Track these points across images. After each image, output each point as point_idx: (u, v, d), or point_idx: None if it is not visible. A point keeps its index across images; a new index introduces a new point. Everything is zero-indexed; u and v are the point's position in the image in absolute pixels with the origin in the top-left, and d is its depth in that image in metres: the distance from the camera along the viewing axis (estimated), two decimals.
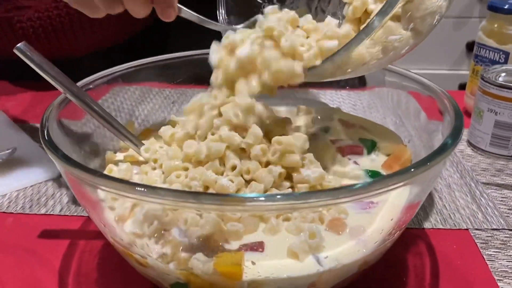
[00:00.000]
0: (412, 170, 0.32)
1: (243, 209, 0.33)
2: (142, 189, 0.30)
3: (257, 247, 0.37)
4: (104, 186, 0.32)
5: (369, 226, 0.37)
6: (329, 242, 0.37)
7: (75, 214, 0.56)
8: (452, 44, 1.95)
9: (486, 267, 0.48)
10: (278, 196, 0.29)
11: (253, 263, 0.35)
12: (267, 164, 0.42)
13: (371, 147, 0.51)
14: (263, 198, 0.30)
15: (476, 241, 0.51)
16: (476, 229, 0.53)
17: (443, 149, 0.35)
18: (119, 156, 0.53)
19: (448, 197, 0.59)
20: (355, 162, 0.48)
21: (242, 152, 0.42)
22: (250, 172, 0.41)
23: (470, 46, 1.93)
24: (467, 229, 0.53)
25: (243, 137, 0.42)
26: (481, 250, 0.50)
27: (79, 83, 0.50)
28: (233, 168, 0.41)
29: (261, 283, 0.35)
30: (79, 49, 0.91)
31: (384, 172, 0.47)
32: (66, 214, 0.56)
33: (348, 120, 0.56)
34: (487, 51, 0.75)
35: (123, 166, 0.47)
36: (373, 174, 0.46)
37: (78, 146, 0.49)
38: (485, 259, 0.49)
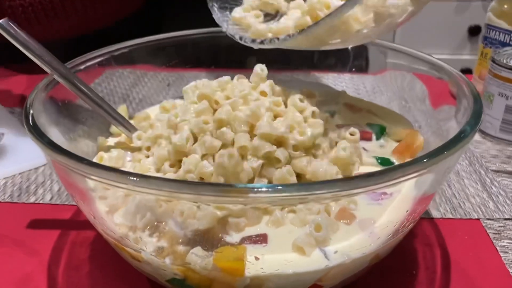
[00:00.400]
0: (431, 158, 0.29)
1: (246, 201, 0.30)
2: (135, 178, 0.27)
3: (260, 240, 0.34)
4: (91, 175, 0.29)
5: (381, 218, 0.34)
6: (338, 235, 0.34)
7: (66, 203, 0.53)
8: (454, 28, 1.91)
9: (500, 259, 0.45)
10: (285, 187, 0.26)
11: (257, 258, 0.32)
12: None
13: (380, 132, 0.48)
14: (267, 189, 0.27)
15: (488, 231, 0.49)
16: (488, 219, 0.51)
17: (464, 135, 0.32)
18: (112, 141, 0.50)
19: (457, 185, 0.56)
20: (364, 148, 0.45)
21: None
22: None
23: (472, 30, 1.89)
24: (478, 219, 0.51)
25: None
26: (493, 241, 0.47)
27: (68, 64, 0.47)
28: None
29: (264, 279, 0.32)
30: (71, 31, 0.87)
31: (394, 159, 0.45)
32: (57, 203, 0.53)
33: (355, 104, 0.53)
34: (497, 33, 0.72)
35: (114, 153, 0.44)
36: (383, 161, 0.44)
37: (68, 132, 0.46)
38: (498, 250, 0.46)
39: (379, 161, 0.44)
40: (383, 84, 0.65)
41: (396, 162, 0.44)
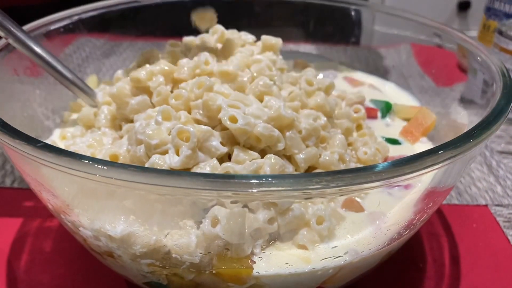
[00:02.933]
0: (473, 137, 0.24)
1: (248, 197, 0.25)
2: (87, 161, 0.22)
3: None
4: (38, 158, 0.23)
5: (398, 211, 0.29)
6: (344, 229, 0.29)
7: (29, 187, 0.47)
8: (443, 3, 1.86)
9: None
10: (296, 179, 0.21)
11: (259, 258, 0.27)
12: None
13: (386, 109, 0.43)
14: (276, 181, 0.21)
15: (497, 218, 0.45)
16: (497, 205, 0.47)
17: (500, 113, 0.27)
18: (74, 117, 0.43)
19: None
20: (368, 127, 0.40)
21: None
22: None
23: (462, 5, 1.84)
24: (486, 205, 0.47)
25: None
26: (504, 230, 0.43)
27: (26, 27, 0.40)
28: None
29: (266, 280, 0.27)
30: None
31: (402, 139, 0.40)
32: (20, 187, 0.47)
33: (355, 78, 0.47)
34: (502, 4, 0.67)
35: (75, 131, 0.38)
36: (391, 142, 0.39)
37: (27, 107, 0.40)
38: (510, 240, 0.42)
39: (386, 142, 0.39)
40: (378, 57, 0.60)
41: (404, 142, 0.39)
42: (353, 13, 0.56)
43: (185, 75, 0.36)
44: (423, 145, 0.41)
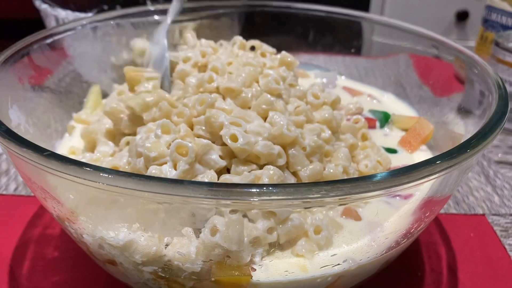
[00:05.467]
0: (469, 147, 0.25)
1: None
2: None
3: None
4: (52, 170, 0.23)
5: (396, 220, 0.30)
6: (342, 237, 0.30)
7: (32, 194, 0.47)
8: (441, 13, 1.88)
9: (509, 259, 0.42)
10: (296, 188, 0.21)
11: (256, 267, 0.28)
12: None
13: (385, 119, 0.43)
14: (276, 190, 0.22)
15: (494, 228, 0.45)
16: (494, 214, 0.47)
17: (496, 124, 0.28)
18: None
19: None
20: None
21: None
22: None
23: (460, 16, 1.86)
24: (483, 215, 0.47)
25: None
26: (501, 239, 0.44)
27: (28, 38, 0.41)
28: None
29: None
30: None
31: (401, 149, 0.40)
32: (22, 194, 0.47)
33: (354, 87, 0.48)
34: (499, 16, 0.68)
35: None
36: (389, 152, 0.39)
37: (31, 115, 0.41)
38: (507, 250, 0.43)
39: None
40: (377, 67, 0.61)
41: (402, 152, 0.40)
42: (353, 24, 0.57)
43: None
44: (422, 153, 0.41)
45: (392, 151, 0.40)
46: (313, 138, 0.33)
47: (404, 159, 0.40)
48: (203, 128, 0.33)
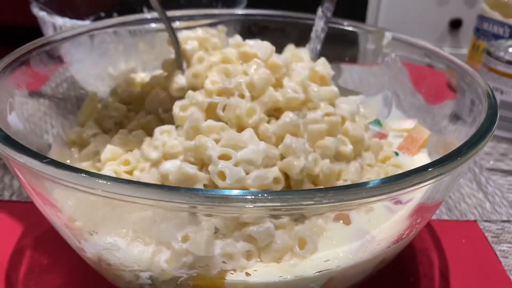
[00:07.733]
0: (461, 155, 0.26)
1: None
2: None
3: None
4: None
5: (387, 226, 0.31)
6: (335, 242, 0.30)
7: (28, 200, 0.48)
8: (435, 21, 1.90)
9: (500, 265, 0.42)
10: (291, 196, 0.22)
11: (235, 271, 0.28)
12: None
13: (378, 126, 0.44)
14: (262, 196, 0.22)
15: (486, 234, 0.46)
16: (485, 220, 0.48)
17: (485, 133, 0.28)
18: None
19: None
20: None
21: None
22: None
23: (453, 24, 1.88)
24: (475, 221, 0.48)
25: None
26: (492, 245, 0.45)
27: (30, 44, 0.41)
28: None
29: None
30: None
31: (402, 154, 0.41)
32: (18, 200, 0.48)
33: (348, 95, 0.49)
34: (491, 25, 0.69)
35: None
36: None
37: (28, 121, 0.41)
38: (498, 255, 0.43)
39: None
40: (371, 75, 0.62)
41: (403, 155, 0.41)
42: (348, 34, 0.58)
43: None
44: (423, 155, 0.42)
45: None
46: (327, 164, 0.32)
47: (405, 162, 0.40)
48: (193, 155, 0.31)
